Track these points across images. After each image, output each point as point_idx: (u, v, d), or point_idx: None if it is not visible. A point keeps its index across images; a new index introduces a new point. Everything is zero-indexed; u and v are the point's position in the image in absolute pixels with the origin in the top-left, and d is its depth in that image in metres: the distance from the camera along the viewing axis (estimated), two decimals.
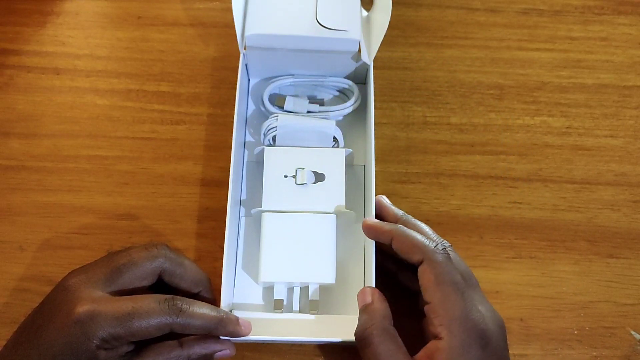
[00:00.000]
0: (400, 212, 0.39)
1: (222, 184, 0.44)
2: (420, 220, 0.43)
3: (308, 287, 0.38)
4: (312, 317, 0.37)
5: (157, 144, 0.46)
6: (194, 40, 0.50)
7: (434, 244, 0.34)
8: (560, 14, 0.52)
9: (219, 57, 0.49)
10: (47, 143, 0.46)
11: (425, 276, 0.33)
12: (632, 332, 0.40)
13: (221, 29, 0.51)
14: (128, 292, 0.33)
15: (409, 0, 0.52)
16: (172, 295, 0.33)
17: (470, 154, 0.46)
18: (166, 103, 0.47)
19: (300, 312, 0.38)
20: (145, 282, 0.34)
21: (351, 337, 0.34)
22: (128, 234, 0.42)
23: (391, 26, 0.51)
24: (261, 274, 0.37)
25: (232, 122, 0.40)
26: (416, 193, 0.44)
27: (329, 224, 0.39)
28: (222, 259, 0.36)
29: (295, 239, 0.38)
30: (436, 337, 0.32)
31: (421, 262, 0.34)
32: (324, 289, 0.39)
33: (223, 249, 0.36)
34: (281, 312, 0.37)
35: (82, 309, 0.31)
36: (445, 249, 0.34)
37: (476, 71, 0.49)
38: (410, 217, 0.38)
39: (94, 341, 0.31)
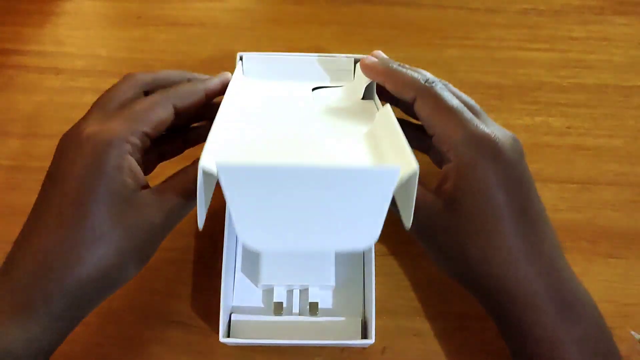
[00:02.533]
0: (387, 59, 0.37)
1: None
2: None
3: (308, 289, 0.38)
4: (312, 319, 0.37)
5: None
6: (194, 40, 0.50)
7: (424, 76, 0.33)
8: (560, 14, 0.52)
9: (219, 57, 0.49)
10: (47, 143, 0.45)
11: (421, 110, 0.33)
12: (632, 332, 0.40)
13: (221, 29, 0.51)
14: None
15: (409, 0, 0.52)
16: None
17: None
18: None
19: (300, 314, 0.38)
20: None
21: (351, 339, 0.34)
22: None
23: (391, 26, 0.51)
24: (261, 278, 0.37)
25: None
26: None
27: None
28: (222, 260, 0.36)
29: None
30: (443, 161, 0.32)
31: (415, 99, 0.33)
32: (323, 290, 0.39)
33: (222, 250, 0.36)
34: (281, 315, 0.37)
35: (88, 130, 0.31)
36: (436, 81, 0.33)
37: (476, 71, 0.49)
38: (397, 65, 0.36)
39: (122, 148, 0.30)
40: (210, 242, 0.42)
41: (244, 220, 0.25)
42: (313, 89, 0.42)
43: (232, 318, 0.37)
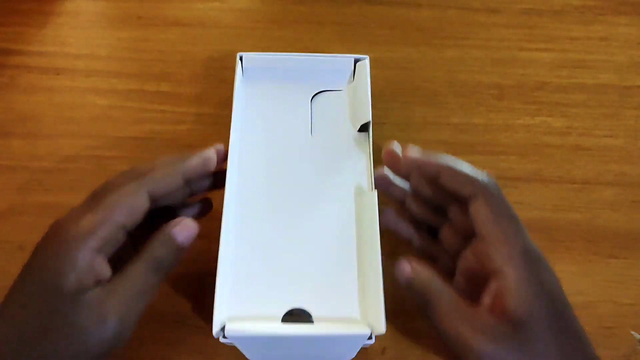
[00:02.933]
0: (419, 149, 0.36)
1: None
2: None
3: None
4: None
5: (157, 144, 0.46)
6: (194, 40, 0.50)
7: (484, 173, 0.32)
8: (560, 14, 0.52)
9: (219, 57, 0.49)
10: (47, 143, 0.46)
11: (481, 211, 0.31)
12: (632, 332, 0.40)
13: (221, 29, 0.51)
14: None
15: (409, 1, 0.52)
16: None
17: (470, 154, 0.46)
18: (166, 103, 0.47)
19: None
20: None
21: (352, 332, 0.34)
22: None
23: (391, 26, 0.51)
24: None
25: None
26: None
27: None
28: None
29: None
30: (495, 274, 0.31)
31: (474, 196, 0.32)
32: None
33: (219, 251, 0.36)
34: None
35: (58, 226, 0.31)
36: (496, 181, 0.32)
37: (476, 71, 0.49)
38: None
39: (85, 242, 0.30)
40: (210, 241, 0.42)
41: (253, 353, 0.35)
42: (313, 96, 0.42)
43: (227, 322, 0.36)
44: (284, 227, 0.38)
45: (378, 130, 0.46)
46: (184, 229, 0.33)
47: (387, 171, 0.37)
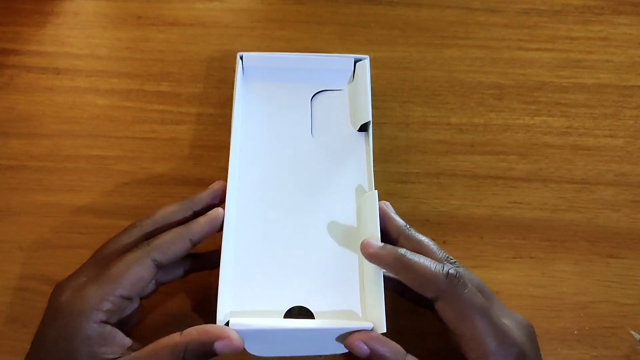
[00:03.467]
0: (402, 223, 0.37)
1: None
2: (421, 221, 0.43)
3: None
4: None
5: (157, 144, 0.46)
6: (194, 40, 0.50)
7: (443, 269, 0.32)
8: (560, 14, 0.52)
9: (219, 57, 0.49)
10: (47, 143, 0.46)
11: (446, 313, 0.32)
12: (632, 332, 0.40)
13: (221, 29, 0.51)
14: None
15: (409, 0, 0.52)
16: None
17: (470, 154, 0.46)
18: (166, 103, 0.47)
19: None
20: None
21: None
22: None
23: (391, 26, 0.51)
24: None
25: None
26: (416, 193, 0.44)
27: None
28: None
29: None
30: None
31: (437, 299, 0.32)
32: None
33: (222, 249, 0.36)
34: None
35: (63, 297, 0.31)
36: (457, 274, 0.32)
37: (476, 71, 0.49)
38: (412, 231, 0.36)
39: (91, 317, 0.30)
40: (210, 241, 0.42)
41: (255, 346, 0.34)
42: (313, 96, 0.42)
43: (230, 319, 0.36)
44: (285, 225, 0.38)
45: (378, 130, 0.46)
46: (228, 346, 0.31)
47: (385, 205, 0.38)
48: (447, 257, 0.34)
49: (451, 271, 0.32)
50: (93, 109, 0.47)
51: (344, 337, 0.33)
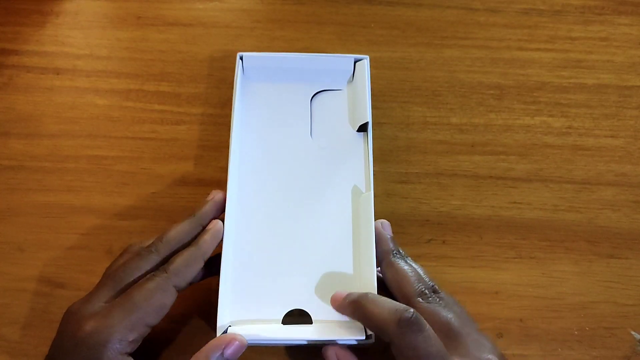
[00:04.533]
0: (389, 248, 0.36)
1: (222, 184, 0.44)
2: (420, 221, 0.43)
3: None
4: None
5: (157, 144, 0.46)
6: (194, 40, 0.50)
7: (397, 315, 0.30)
8: (560, 14, 0.52)
9: (219, 57, 0.49)
10: (47, 143, 0.45)
11: (398, 358, 0.31)
12: (632, 333, 0.40)
13: (221, 29, 0.51)
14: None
15: (409, 0, 0.52)
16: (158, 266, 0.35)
17: (470, 154, 0.46)
18: (166, 103, 0.47)
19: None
20: None
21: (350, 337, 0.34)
22: (128, 234, 0.42)
23: (391, 26, 0.51)
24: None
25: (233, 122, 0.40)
26: (416, 193, 0.44)
27: None
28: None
29: None
30: None
31: (391, 344, 0.31)
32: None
33: (222, 250, 0.36)
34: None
35: (87, 327, 0.31)
36: (412, 318, 0.30)
37: (476, 71, 0.49)
38: (396, 257, 0.36)
39: (115, 349, 0.31)
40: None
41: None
42: (313, 96, 0.42)
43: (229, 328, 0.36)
44: (283, 229, 0.38)
45: (378, 130, 0.46)
46: (236, 350, 0.33)
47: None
48: (422, 291, 0.33)
49: (405, 316, 0.30)
50: (93, 109, 0.47)
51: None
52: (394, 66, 0.49)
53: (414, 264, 0.36)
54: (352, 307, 0.33)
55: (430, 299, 0.33)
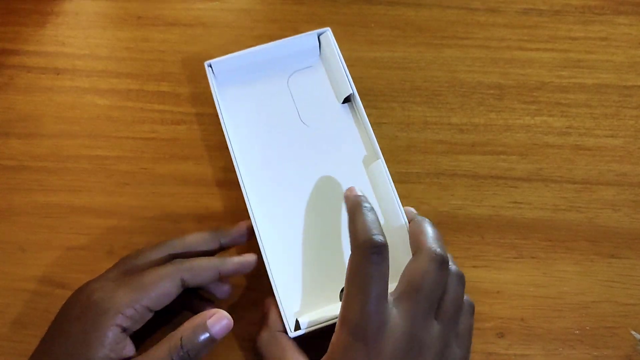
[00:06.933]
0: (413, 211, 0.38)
1: (222, 184, 0.44)
2: None
3: None
4: None
5: (157, 144, 0.46)
6: (194, 40, 0.50)
7: (363, 235, 0.32)
8: (560, 14, 0.52)
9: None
10: (47, 143, 0.45)
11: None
12: (633, 332, 0.40)
13: (221, 29, 0.51)
14: None
15: (409, 0, 0.52)
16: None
17: (470, 154, 0.46)
18: (166, 103, 0.47)
19: None
20: None
21: None
22: (128, 234, 0.42)
23: (391, 26, 0.51)
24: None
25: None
26: (416, 193, 0.44)
27: None
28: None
29: None
30: None
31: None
32: None
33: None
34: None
35: (94, 297, 0.32)
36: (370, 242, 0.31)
37: (476, 71, 0.49)
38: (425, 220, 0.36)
39: (114, 320, 0.31)
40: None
41: None
42: (289, 79, 0.43)
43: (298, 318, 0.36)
44: (307, 214, 0.40)
45: (378, 130, 0.46)
46: (220, 321, 0.33)
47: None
48: (436, 249, 0.33)
49: (370, 237, 0.31)
50: (93, 109, 0.47)
51: None
52: (394, 66, 0.49)
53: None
54: (350, 205, 0.35)
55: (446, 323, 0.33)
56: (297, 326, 0.35)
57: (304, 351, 0.34)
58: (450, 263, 0.34)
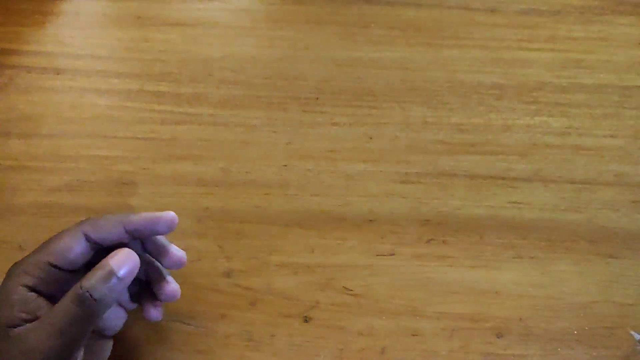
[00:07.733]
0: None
1: (222, 184, 0.44)
2: (421, 221, 0.43)
3: None
4: None
5: (157, 144, 0.46)
6: (194, 40, 0.50)
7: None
8: (560, 14, 0.52)
9: (219, 57, 0.49)
10: (47, 143, 0.46)
11: None
12: (632, 333, 0.40)
13: (221, 29, 0.51)
14: None
15: (409, 0, 0.52)
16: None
17: (470, 154, 0.46)
18: (166, 103, 0.47)
19: None
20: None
21: None
22: None
23: (391, 26, 0.51)
24: None
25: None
26: (416, 193, 0.44)
27: None
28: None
29: None
30: None
31: None
32: None
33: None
34: None
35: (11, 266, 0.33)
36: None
37: (476, 71, 0.49)
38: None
39: (19, 279, 0.32)
40: (211, 241, 0.42)
41: None
42: None
43: None
44: None
45: (378, 130, 0.46)
46: (122, 259, 0.33)
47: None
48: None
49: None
50: (93, 109, 0.47)
51: None
52: (394, 66, 0.49)
53: None
54: None
55: None
56: None
57: None
58: None
